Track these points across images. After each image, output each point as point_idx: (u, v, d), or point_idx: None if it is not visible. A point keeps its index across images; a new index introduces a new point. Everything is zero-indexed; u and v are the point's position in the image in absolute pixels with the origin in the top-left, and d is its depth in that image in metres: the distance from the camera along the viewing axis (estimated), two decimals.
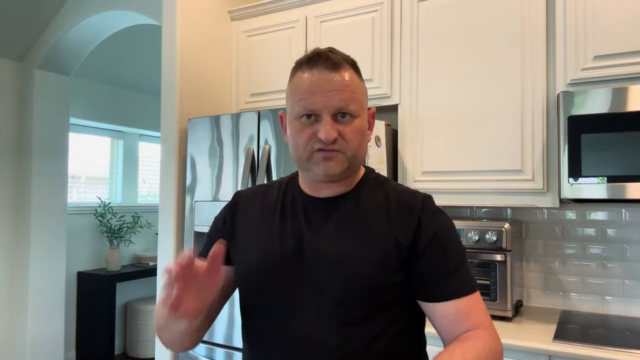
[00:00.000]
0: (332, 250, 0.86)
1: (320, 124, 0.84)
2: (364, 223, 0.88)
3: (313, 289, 0.85)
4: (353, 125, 0.85)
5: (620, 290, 1.89)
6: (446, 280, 0.84)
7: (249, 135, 2.04)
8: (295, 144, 0.87)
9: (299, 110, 0.85)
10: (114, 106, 4.20)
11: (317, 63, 0.85)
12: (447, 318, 0.84)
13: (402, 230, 0.86)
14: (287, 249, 0.89)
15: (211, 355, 2.02)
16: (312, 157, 0.85)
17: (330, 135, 0.82)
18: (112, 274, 3.80)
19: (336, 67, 0.85)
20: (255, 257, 0.91)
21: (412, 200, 0.90)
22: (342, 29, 2.19)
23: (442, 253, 0.85)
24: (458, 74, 1.92)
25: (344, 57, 0.88)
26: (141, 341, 4.03)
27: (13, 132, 3.27)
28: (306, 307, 0.85)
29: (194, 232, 2.14)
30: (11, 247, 3.25)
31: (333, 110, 0.83)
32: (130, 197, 4.47)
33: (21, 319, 3.21)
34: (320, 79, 0.84)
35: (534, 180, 1.78)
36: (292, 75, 0.91)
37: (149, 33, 3.65)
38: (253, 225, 0.95)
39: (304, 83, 0.85)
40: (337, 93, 0.83)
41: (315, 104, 0.83)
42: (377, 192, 0.92)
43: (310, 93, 0.84)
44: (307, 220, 0.90)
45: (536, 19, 1.79)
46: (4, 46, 3.14)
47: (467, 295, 0.84)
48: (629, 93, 1.56)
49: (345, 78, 0.85)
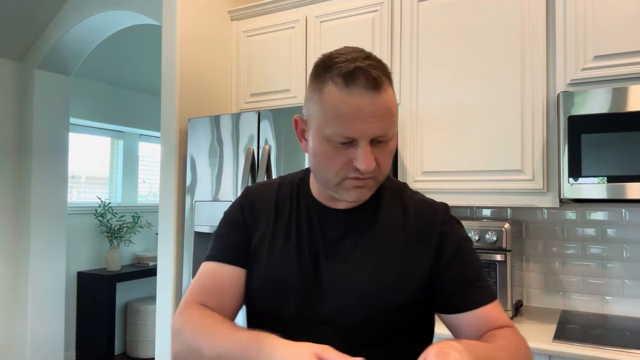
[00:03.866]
0: (349, 270, 0.83)
1: (355, 150, 0.76)
2: (382, 240, 0.85)
3: (329, 312, 0.82)
4: (388, 148, 0.79)
5: (620, 290, 1.89)
6: (471, 290, 0.83)
7: (249, 135, 2.04)
8: (322, 167, 0.79)
9: (333, 134, 0.75)
10: (114, 106, 4.21)
11: (356, 81, 0.74)
12: (476, 326, 0.83)
13: (423, 247, 0.84)
14: (305, 267, 0.85)
15: None
16: (343, 183, 0.79)
17: (370, 166, 0.76)
18: (112, 274, 3.80)
19: (377, 87, 0.74)
20: (271, 275, 0.86)
21: (431, 213, 0.87)
22: (342, 29, 2.19)
23: (465, 264, 0.85)
24: (458, 74, 1.92)
25: (381, 67, 0.77)
26: (141, 341, 4.03)
27: (13, 132, 3.27)
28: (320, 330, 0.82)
29: (194, 232, 2.14)
30: (11, 247, 3.25)
31: (372, 137, 0.76)
32: (130, 197, 4.47)
33: (21, 319, 3.21)
34: (360, 102, 0.74)
35: (534, 180, 1.78)
36: (321, 81, 0.77)
37: (149, 33, 3.65)
38: (268, 232, 0.89)
39: (341, 105, 0.74)
40: (377, 119, 0.75)
41: (355, 132, 0.74)
42: (394, 204, 0.89)
43: (348, 118, 0.74)
44: (324, 235, 0.86)
45: (536, 19, 1.79)
46: (4, 46, 3.14)
47: (491, 302, 0.84)
48: (629, 93, 1.56)
49: (386, 100, 0.75)
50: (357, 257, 0.84)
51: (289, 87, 2.32)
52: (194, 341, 0.77)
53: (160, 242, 2.22)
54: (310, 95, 0.80)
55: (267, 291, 0.86)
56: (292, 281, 0.84)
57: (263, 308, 0.87)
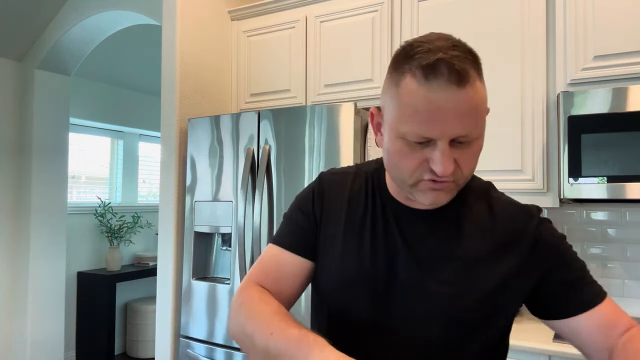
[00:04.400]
0: (431, 277, 0.76)
1: (433, 150, 0.68)
2: (467, 245, 0.77)
3: (400, 320, 0.77)
4: (472, 149, 0.70)
5: (620, 290, 1.89)
6: (582, 288, 0.77)
7: (249, 135, 2.04)
8: (396, 166, 0.73)
9: (408, 132, 0.68)
10: (114, 106, 4.21)
11: (437, 75, 0.65)
12: (596, 327, 0.75)
13: (516, 255, 0.77)
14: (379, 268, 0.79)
15: (211, 355, 2.02)
16: (419, 185, 0.72)
17: (448, 170, 0.68)
18: (112, 274, 3.80)
19: (462, 82, 0.65)
20: (342, 273, 0.81)
21: (522, 216, 0.80)
22: (342, 29, 2.19)
23: (569, 264, 0.79)
24: None
25: (470, 58, 0.67)
26: (141, 341, 4.03)
27: (13, 132, 3.27)
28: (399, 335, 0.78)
29: (194, 232, 2.14)
30: (11, 247, 3.25)
31: (453, 137, 0.67)
32: (130, 197, 4.47)
33: (21, 319, 3.21)
34: (441, 98, 0.65)
35: (534, 180, 1.77)
36: (399, 72, 0.69)
37: (149, 33, 3.65)
38: (339, 228, 0.84)
39: (419, 101, 0.66)
40: (460, 118, 0.66)
41: (432, 132, 0.67)
42: (480, 205, 0.81)
43: (426, 116, 0.66)
44: (403, 237, 0.79)
45: (536, 19, 1.79)
46: (4, 46, 3.14)
47: (605, 298, 0.77)
48: (629, 93, 1.55)
49: (471, 97, 0.66)
50: (438, 264, 0.77)
51: (289, 87, 2.32)
52: (247, 326, 0.75)
53: (160, 242, 2.22)
54: (387, 88, 0.72)
55: (336, 292, 0.82)
56: (364, 284, 0.79)
57: (331, 307, 0.84)
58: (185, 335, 2.12)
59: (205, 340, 2.06)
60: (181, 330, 2.13)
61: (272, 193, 1.96)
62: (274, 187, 1.96)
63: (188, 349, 2.09)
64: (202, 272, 2.18)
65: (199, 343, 2.07)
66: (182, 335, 2.13)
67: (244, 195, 1.98)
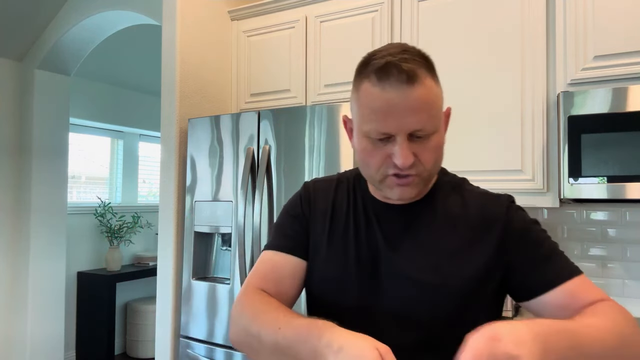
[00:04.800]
0: (411, 267, 0.81)
1: (393, 145, 0.75)
2: (443, 236, 0.82)
3: (391, 308, 0.81)
4: (430, 143, 0.77)
5: (620, 290, 1.89)
6: (547, 268, 0.78)
7: (249, 135, 2.04)
8: (364, 164, 0.80)
9: (370, 130, 0.76)
10: (114, 106, 4.21)
11: (389, 76, 0.73)
12: (561, 307, 0.76)
13: (487, 239, 0.81)
14: (364, 264, 0.84)
15: (211, 355, 2.02)
16: (386, 180, 0.79)
17: (407, 161, 0.74)
18: (112, 274, 3.80)
19: (411, 80, 0.73)
20: (330, 272, 0.86)
21: (493, 203, 0.84)
22: (342, 29, 2.19)
23: (534, 245, 0.80)
24: (458, 74, 1.92)
25: (418, 60, 0.75)
26: (141, 341, 4.03)
27: (13, 132, 3.27)
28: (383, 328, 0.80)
29: (194, 232, 2.14)
30: (11, 247, 3.25)
31: (409, 131, 0.74)
32: (130, 197, 4.47)
33: (21, 319, 3.21)
34: (393, 97, 0.73)
35: (534, 180, 1.77)
36: (359, 79, 0.78)
37: (149, 33, 3.65)
38: (325, 228, 0.89)
39: (375, 101, 0.74)
40: (412, 113, 0.73)
41: (389, 128, 0.74)
42: (454, 197, 0.86)
43: (382, 114, 0.74)
44: (382, 232, 0.85)
45: (536, 19, 1.79)
46: (4, 46, 3.14)
47: (574, 277, 0.77)
48: (629, 93, 1.56)
49: (421, 93, 0.73)
50: (417, 253, 0.82)
51: (289, 87, 2.32)
52: (252, 326, 0.76)
53: (160, 242, 2.22)
54: (352, 95, 0.81)
55: (326, 289, 0.86)
56: (352, 278, 0.83)
57: (321, 306, 0.87)
58: (185, 335, 2.12)
59: (205, 340, 2.06)
60: (181, 330, 2.13)
61: (272, 193, 1.96)
62: (274, 187, 1.96)
63: (188, 349, 2.09)
64: (202, 272, 2.18)
65: (199, 343, 2.07)
66: (182, 335, 2.13)
67: (244, 195, 1.98)
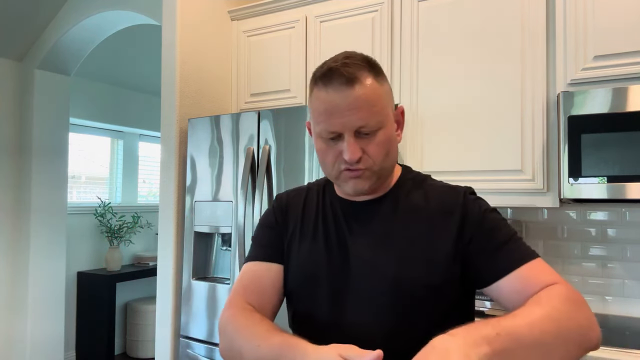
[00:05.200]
0: (377, 257, 0.85)
1: (343, 142, 0.82)
2: (405, 227, 0.87)
3: (360, 296, 0.85)
4: (377, 139, 0.83)
5: (620, 290, 1.89)
6: (500, 254, 0.81)
7: (249, 135, 2.04)
8: (322, 162, 0.88)
9: (321, 130, 0.84)
10: (114, 106, 4.21)
11: (331, 80, 0.81)
12: (515, 292, 0.78)
13: (446, 227, 0.85)
14: (334, 257, 0.89)
15: (211, 355, 2.02)
16: (340, 176, 0.86)
17: (354, 156, 0.81)
18: (112, 274, 3.80)
19: (351, 83, 0.80)
20: (301, 268, 0.92)
21: (452, 194, 0.88)
22: (342, 29, 2.19)
23: (490, 232, 0.83)
24: (458, 74, 1.92)
25: (360, 64, 0.83)
26: (141, 341, 4.03)
27: (13, 132, 3.27)
28: (354, 314, 0.85)
29: (194, 232, 2.14)
30: (11, 247, 3.25)
31: (353, 128, 0.81)
32: (130, 197, 4.47)
33: (21, 319, 3.21)
34: (336, 98, 0.81)
35: (534, 180, 1.77)
36: (310, 88, 0.87)
37: (149, 33, 3.65)
38: (296, 233, 0.95)
39: (321, 103, 0.83)
40: (354, 112, 0.80)
41: (335, 126, 0.81)
42: (416, 192, 0.91)
43: (328, 114, 0.82)
44: (349, 226, 0.90)
45: (536, 19, 1.79)
46: (4, 46, 3.14)
47: (527, 262, 0.80)
48: (629, 93, 1.55)
49: (362, 93, 0.80)
50: (382, 244, 0.86)
51: (289, 87, 2.32)
52: (235, 341, 0.83)
53: (160, 242, 2.22)
54: (308, 103, 0.91)
55: (297, 289, 0.92)
56: (323, 271, 0.89)
57: (300, 298, 0.92)
58: (185, 335, 2.12)
59: (205, 340, 2.06)
60: (181, 330, 2.13)
61: (272, 193, 1.96)
62: (274, 187, 1.96)
63: (188, 349, 2.09)
64: (202, 272, 2.18)
65: (199, 343, 2.07)
66: (182, 335, 2.13)
67: (244, 195, 1.98)
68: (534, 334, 0.66)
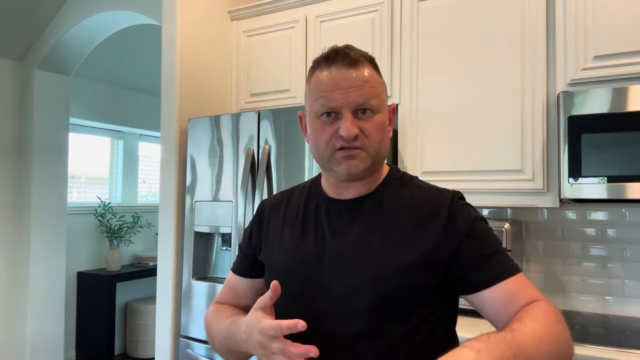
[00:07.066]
0: (356, 254, 0.85)
1: (340, 121, 0.83)
2: (388, 225, 0.86)
3: (338, 294, 0.84)
4: (374, 120, 0.84)
5: (620, 290, 1.89)
6: (488, 264, 0.82)
7: (249, 135, 2.04)
8: (316, 143, 0.87)
9: (319, 108, 0.84)
10: (114, 106, 4.20)
11: (335, 60, 0.84)
12: (499, 303, 0.80)
13: (431, 229, 0.84)
14: (309, 254, 0.89)
15: (211, 355, 2.02)
16: (334, 155, 0.85)
17: (351, 131, 0.81)
18: (112, 274, 3.80)
19: (355, 64, 0.84)
20: (279, 266, 0.92)
21: (440, 198, 0.88)
22: (342, 29, 2.19)
23: (479, 241, 0.83)
24: (458, 74, 1.92)
25: (362, 53, 0.87)
26: (141, 341, 4.03)
27: (13, 132, 3.27)
28: (331, 313, 0.84)
29: (194, 232, 2.14)
30: (11, 247, 3.25)
31: (353, 106, 0.83)
32: (130, 197, 4.47)
33: (21, 319, 3.21)
34: (339, 76, 0.83)
35: (534, 180, 1.77)
36: (310, 74, 0.89)
37: (149, 33, 3.65)
38: (277, 234, 0.96)
39: (323, 81, 0.85)
40: (356, 89, 0.82)
41: (335, 101, 0.83)
42: (402, 192, 0.90)
43: (329, 90, 0.83)
44: (330, 223, 0.90)
45: (536, 19, 1.79)
46: (4, 46, 3.14)
47: (513, 275, 0.82)
48: (629, 93, 1.56)
49: (364, 74, 0.84)
50: (362, 241, 0.85)
51: (289, 87, 2.32)
52: (210, 332, 0.97)
53: (160, 242, 2.22)
54: (305, 91, 0.91)
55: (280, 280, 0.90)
56: (299, 266, 0.89)
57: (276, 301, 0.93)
58: (185, 335, 2.12)
59: (205, 340, 2.06)
60: (181, 330, 2.13)
61: (272, 193, 1.96)
62: (274, 187, 1.96)
63: (188, 349, 2.09)
64: (202, 272, 2.18)
65: (199, 343, 2.07)
66: (182, 335, 2.13)
67: (244, 195, 1.98)
68: (541, 353, 0.70)
